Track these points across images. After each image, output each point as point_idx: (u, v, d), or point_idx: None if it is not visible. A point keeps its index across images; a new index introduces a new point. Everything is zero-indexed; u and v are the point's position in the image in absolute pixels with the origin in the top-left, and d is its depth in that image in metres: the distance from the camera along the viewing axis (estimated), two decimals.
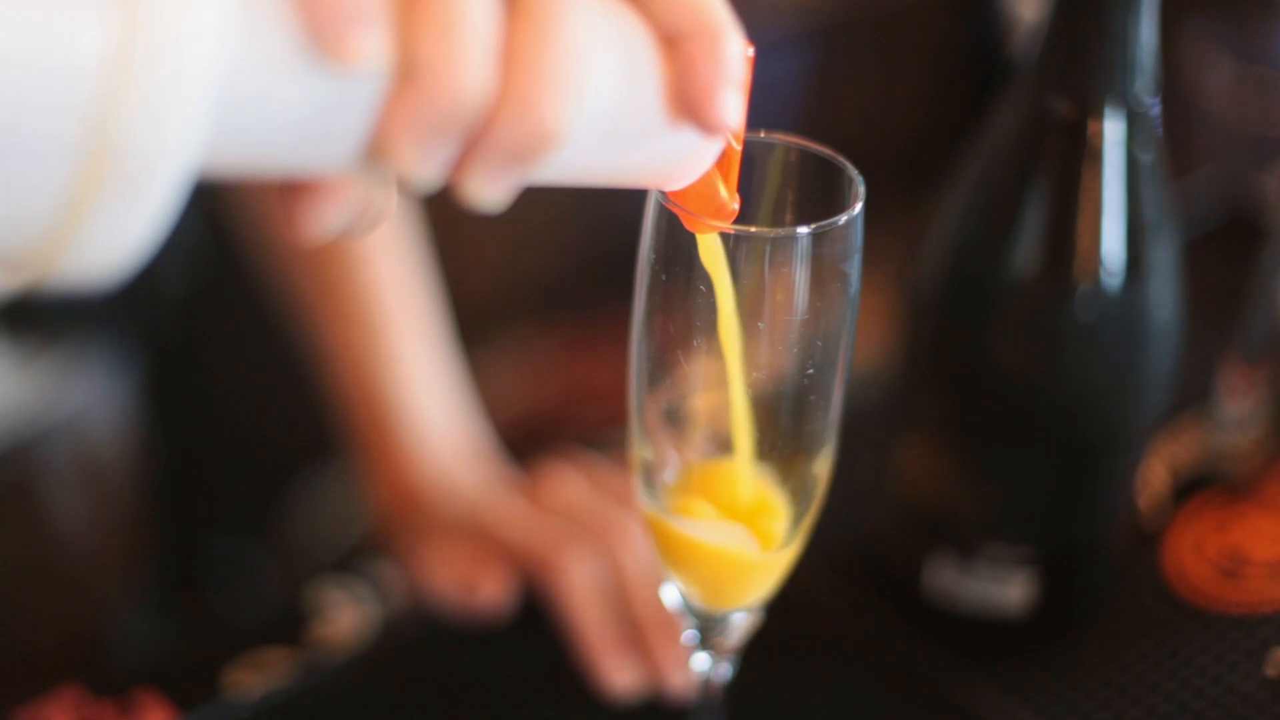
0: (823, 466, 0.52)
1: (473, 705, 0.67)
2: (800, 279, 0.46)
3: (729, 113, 0.39)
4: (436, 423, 0.80)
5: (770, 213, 0.50)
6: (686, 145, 0.42)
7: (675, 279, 0.47)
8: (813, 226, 0.45)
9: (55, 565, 0.92)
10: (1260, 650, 0.69)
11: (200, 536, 1.17)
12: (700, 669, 0.59)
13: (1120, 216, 0.60)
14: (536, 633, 0.70)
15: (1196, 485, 0.79)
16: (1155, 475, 0.80)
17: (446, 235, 0.98)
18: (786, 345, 0.48)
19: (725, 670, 0.59)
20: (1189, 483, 0.80)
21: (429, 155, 0.34)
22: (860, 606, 0.72)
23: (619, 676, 0.67)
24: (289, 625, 0.72)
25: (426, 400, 0.81)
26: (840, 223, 0.46)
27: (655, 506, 0.52)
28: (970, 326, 0.63)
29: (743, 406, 0.49)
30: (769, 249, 0.46)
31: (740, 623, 0.56)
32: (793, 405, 0.50)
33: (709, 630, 0.56)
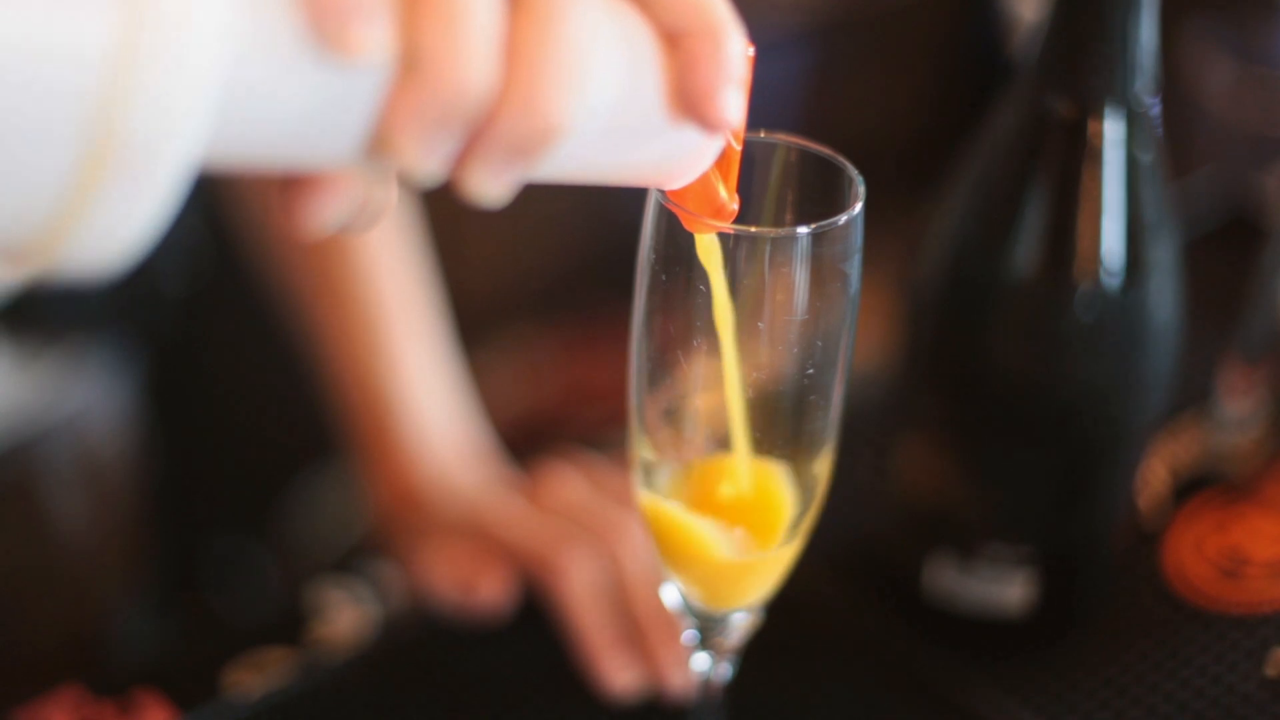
0: (823, 466, 0.52)
1: (473, 705, 0.67)
2: (800, 279, 0.46)
3: (730, 111, 0.39)
4: (436, 423, 0.80)
5: (770, 213, 0.50)
6: (687, 143, 0.42)
7: (675, 279, 0.47)
8: (813, 226, 0.45)
9: (55, 565, 0.92)
10: (1260, 650, 0.69)
11: (200, 536, 1.17)
12: (700, 669, 0.59)
13: (1120, 216, 0.60)
14: (536, 633, 0.70)
15: (1196, 485, 0.79)
16: (1155, 475, 0.80)
17: (447, 235, 0.98)
18: (786, 345, 0.48)
19: (725, 670, 0.59)
20: (1189, 483, 0.80)
21: (431, 149, 0.34)
22: (860, 606, 0.72)
23: (619, 676, 0.67)
24: (289, 625, 0.72)
25: (426, 400, 0.81)
26: (840, 223, 0.46)
27: (654, 501, 0.52)
28: (970, 327, 0.63)
29: (739, 405, 0.49)
30: (769, 249, 0.46)
31: (740, 623, 0.56)
32: (793, 405, 0.50)
33: (709, 630, 0.56)
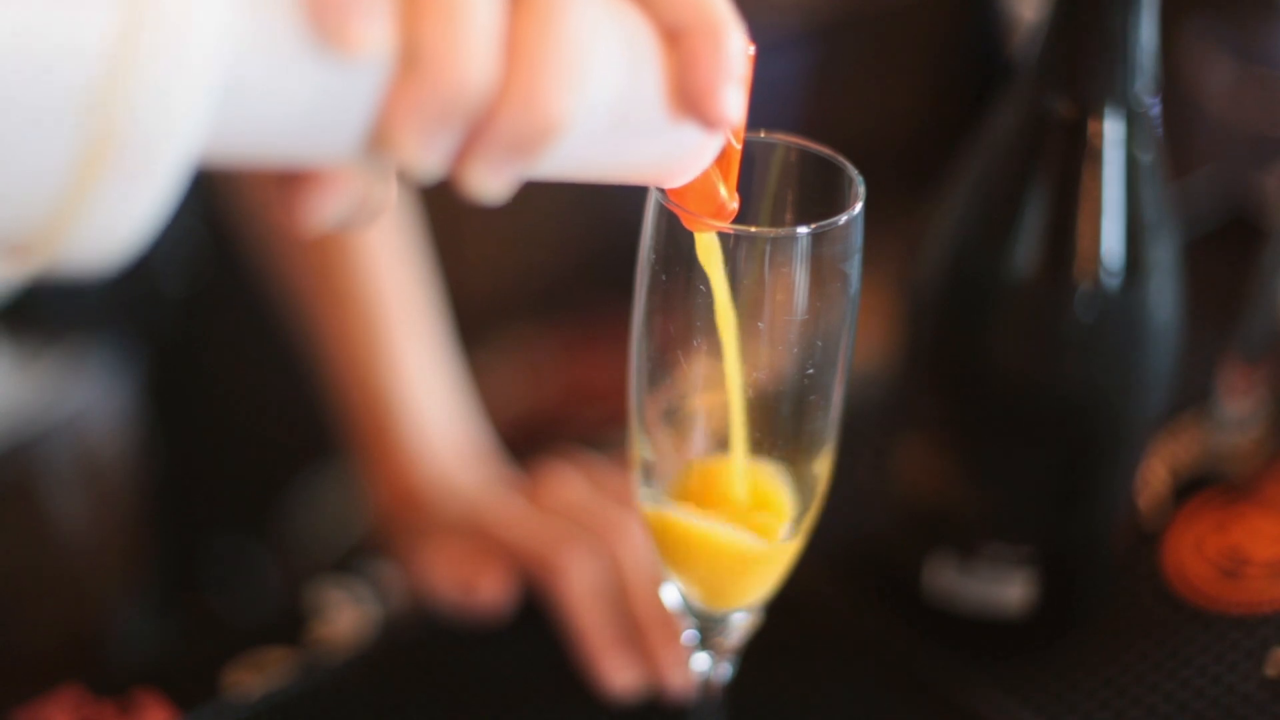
0: (823, 466, 0.52)
1: (473, 705, 0.67)
2: (800, 279, 0.46)
3: (730, 108, 0.39)
4: (436, 423, 0.80)
5: (770, 213, 0.50)
6: (687, 141, 0.42)
7: (675, 279, 0.47)
8: (813, 226, 0.45)
9: (55, 565, 0.92)
10: (1260, 650, 0.69)
11: (200, 536, 1.17)
12: (700, 669, 0.59)
13: (1120, 216, 0.60)
14: (536, 633, 0.70)
15: (1196, 485, 0.79)
16: (1155, 475, 0.80)
17: (447, 235, 0.98)
18: (786, 345, 0.48)
19: (725, 670, 0.59)
20: (1189, 483, 0.80)
21: (431, 145, 0.34)
22: (860, 606, 0.72)
23: (619, 676, 0.67)
24: (289, 625, 0.72)
25: (426, 400, 0.81)
26: (840, 223, 0.46)
27: (654, 501, 0.52)
28: (970, 326, 0.63)
29: (740, 404, 0.49)
30: (769, 249, 0.46)
31: (740, 623, 0.56)
32: (793, 405, 0.50)
33: (709, 630, 0.56)
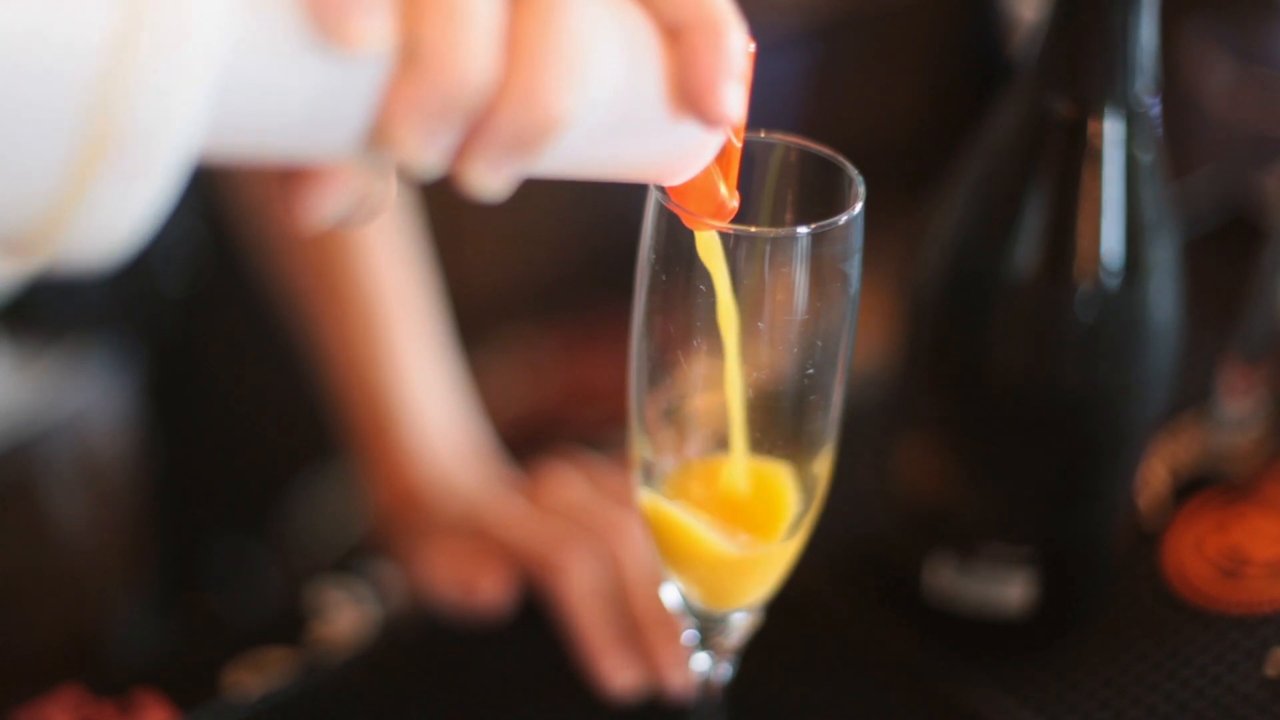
0: (823, 466, 0.52)
1: (473, 705, 0.67)
2: (800, 279, 0.46)
3: (730, 105, 0.39)
4: (436, 422, 0.80)
5: (770, 213, 0.50)
6: (687, 138, 0.42)
7: (675, 279, 0.47)
8: (813, 226, 0.45)
9: (55, 565, 0.92)
10: (1260, 650, 0.69)
11: (200, 536, 1.17)
12: (700, 669, 0.59)
13: (1120, 216, 0.60)
14: (536, 633, 0.70)
15: (1196, 485, 0.79)
16: (1155, 475, 0.80)
17: (447, 235, 0.98)
18: (786, 345, 0.48)
19: (725, 670, 0.59)
20: (1189, 483, 0.80)
21: (431, 142, 0.34)
22: (860, 606, 0.72)
23: (619, 676, 0.67)
24: (289, 625, 0.72)
25: (426, 400, 0.81)
26: (840, 223, 0.46)
27: (654, 501, 0.52)
28: (970, 326, 0.63)
29: (740, 403, 0.49)
30: (769, 249, 0.46)
31: (740, 623, 0.56)
32: (793, 405, 0.50)
33: (709, 630, 0.56)
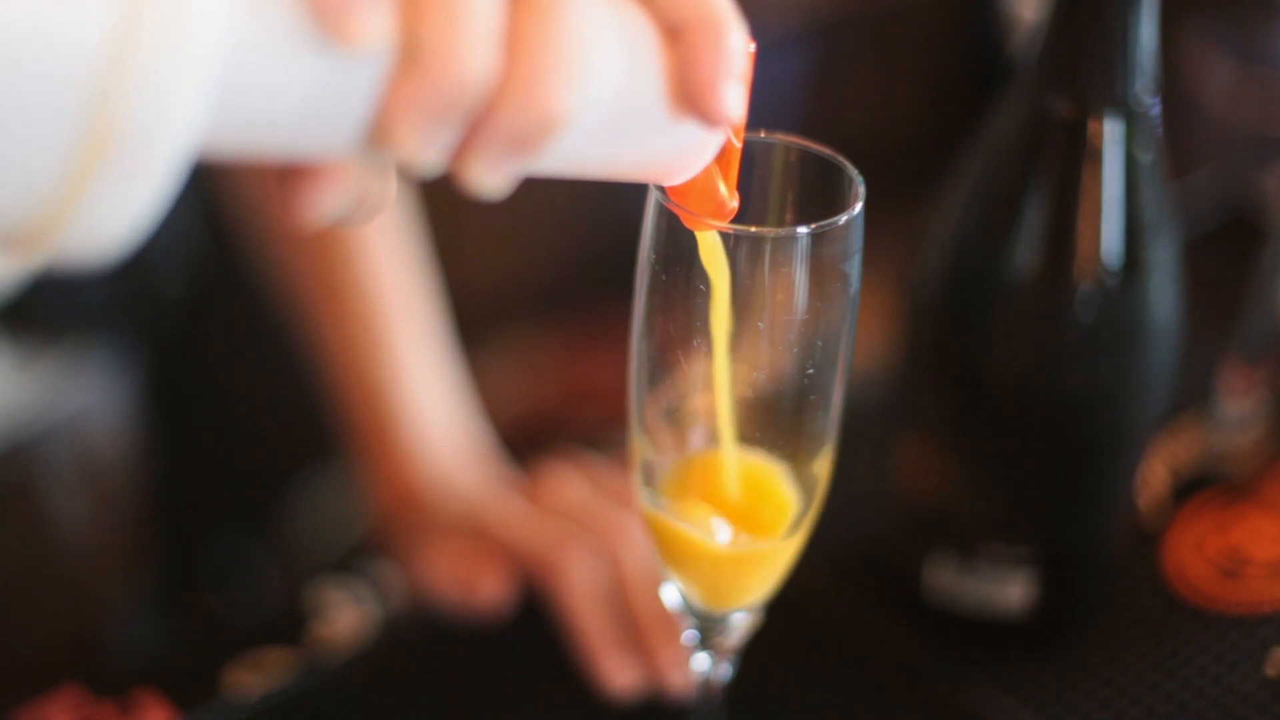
0: (823, 466, 0.52)
1: (473, 705, 0.67)
2: (800, 279, 0.46)
3: (730, 105, 0.39)
4: (436, 422, 0.80)
5: (770, 212, 0.50)
6: (687, 138, 0.42)
7: (675, 279, 0.47)
8: (813, 226, 0.45)
9: (55, 565, 0.92)
10: (1260, 650, 0.69)
11: (200, 536, 1.17)
12: (700, 669, 0.59)
13: (1120, 216, 0.60)
14: (536, 633, 0.70)
15: (1196, 485, 0.79)
16: (1155, 475, 0.80)
17: (447, 235, 0.98)
18: (786, 345, 0.48)
19: (725, 670, 0.59)
20: (1189, 483, 0.80)
21: (430, 140, 0.34)
22: (860, 606, 0.72)
23: (619, 676, 0.67)
24: (289, 625, 0.72)
25: (426, 400, 0.81)
26: (840, 223, 0.46)
27: (654, 501, 0.52)
28: (970, 326, 0.63)
29: (728, 402, 0.49)
30: (769, 249, 0.46)
31: (740, 623, 0.56)
32: (793, 405, 0.50)
33: (709, 630, 0.56)
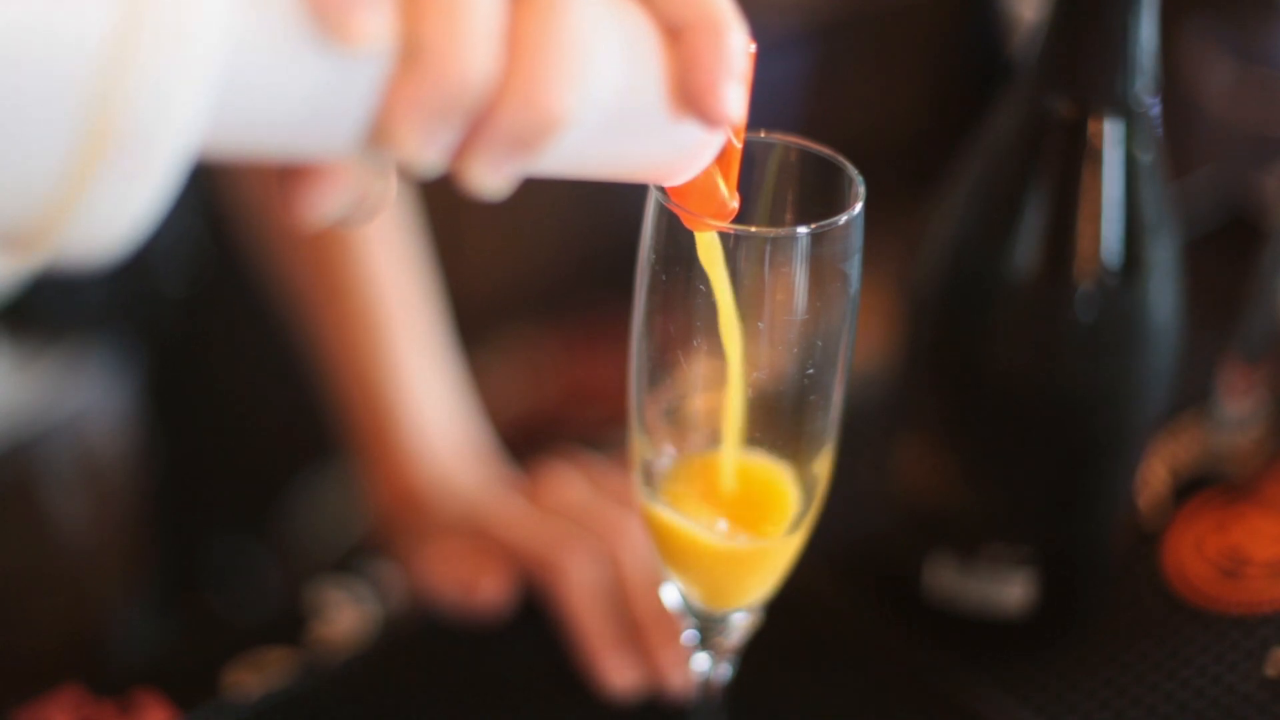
0: (823, 466, 0.52)
1: (473, 705, 0.67)
2: (800, 279, 0.46)
3: (730, 105, 0.39)
4: (436, 423, 0.80)
5: (770, 212, 0.50)
6: (687, 139, 0.42)
7: (675, 279, 0.47)
8: (813, 226, 0.45)
9: (55, 565, 0.92)
10: (1260, 650, 0.69)
11: (200, 536, 1.17)
12: (700, 669, 0.59)
13: (1120, 216, 0.60)
14: (536, 633, 0.70)
15: (1196, 485, 0.79)
16: (1155, 475, 0.80)
17: (447, 235, 0.98)
18: (786, 345, 0.48)
19: (725, 670, 0.59)
20: (1189, 483, 0.80)
21: (431, 140, 0.34)
22: (860, 606, 0.72)
23: (619, 676, 0.67)
24: (289, 625, 0.72)
25: (426, 400, 0.81)
26: (840, 223, 0.46)
27: (654, 501, 0.52)
28: (970, 326, 0.63)
29: (741, 403, 0.49)
30: (769, 249, 0.46)
31: (740, 623, 0.56)
32: (793, 405, 0.50)
33: (709, 630, 0.56)
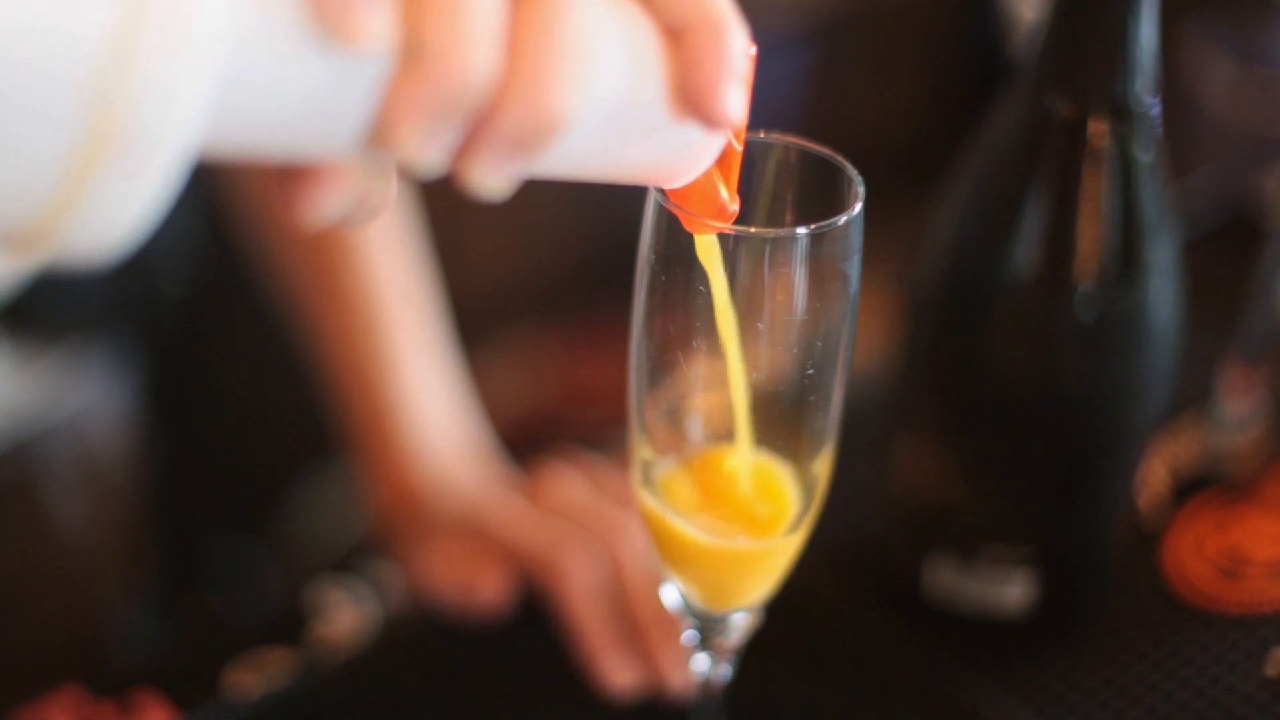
0: (823, 466, 0.52)
1: (473, 705, 0.67)
2: (800, 279, 0.46)
3: (731, 107, 0.39)
4: (436, 423, 0.80)
5: (770, 213, 0.50)
6: (688, 140, 0.42)
7: (675, 279, 0.47)
8: (812, 226, 0.45)
9: (55, 565, 0.92)
10: (1260, 650, 0.69)
11: (200, 536, 1.17)
12: (700, 669, 0.59)
13: (1120, 216, 0.60)
14: (536, 633, 0.70)
15: (1196, 485, 0.79)
16: (1155, 475, 0.80)
17: (447, 235, 0.98)
18: (786, 345, 0.48)
19: (725, 670, 0.59)
20: (1189, 483, 0.80)
21: (432, 140, 0.34)
22: (860, 606, 0.72)
23: (619, 676, 0.67)
24: (289, 625, 0.72)
25: (426, 400, 0.81)
26: (840, 223, 0.46)
27: (654, 504, 0.52)
28: (970, 326, 0.63)
29: (744, 404, 0.49)
30: (768, 249, 0.46)
31: (740, 623, 0.56)
32: (793, 405, 0.50)
33: (709, 630, 0.56)
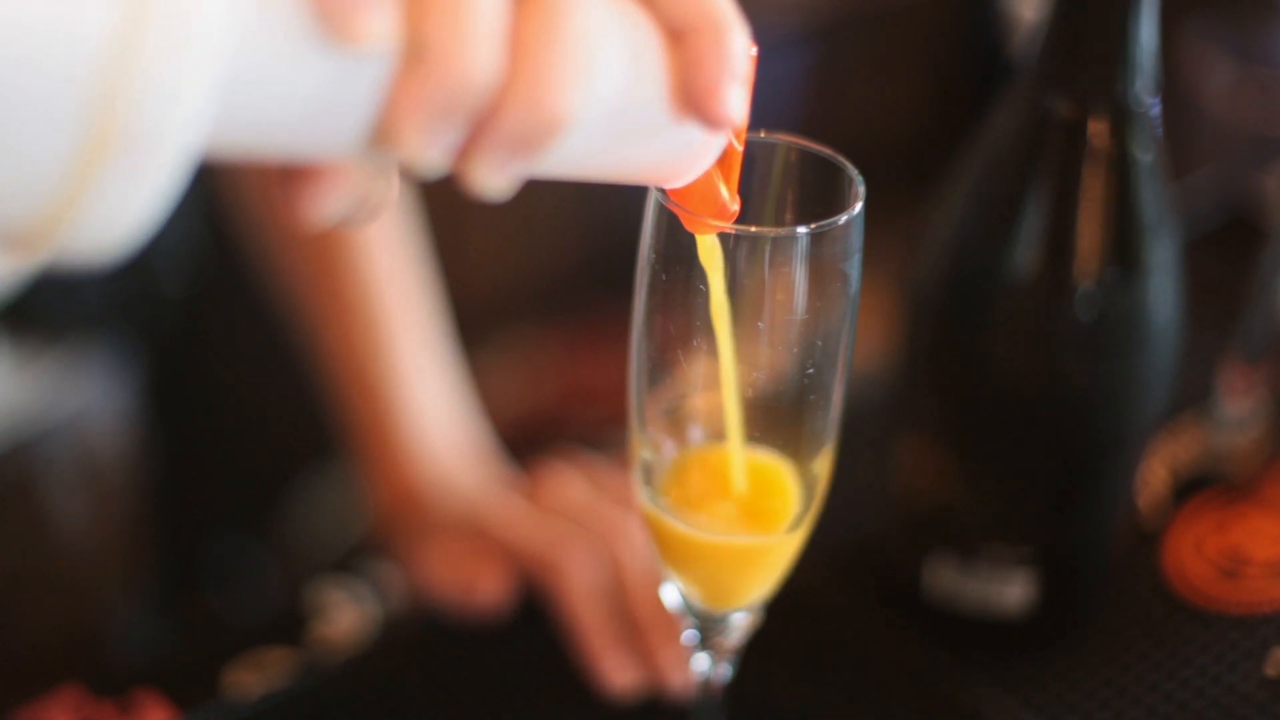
0: (823, 466, 0.52)
1: (473, 705, 0.67)
2: (800, 279, 0.46)
3: (732, 107, 0.39)
4: (436, 423, 0.80)
5: (770, 213, 0.50)
6: (689, 141, 0.42)
7: (675, 279, 0.47)
8: (813, 226, 0.45)
9: (55, 566, 0.92)
10: (1260, 650, 0.69)
11: (200, 536, 1.17)
12: (700, 669, 0.59)
13: (1120, 216, 0.60)
14: (536, 633, 0.70)
15: (1196, 485, 0.79)
16: (1155, 475, 0.80)
17: (448, 235, 0.98)
18: (786, 345, 0.48)
19: (725, 670, 0.59)
20: (1189, 483, 0.80)
21: (434, 139, 0.34)
22: (860, 606, 0.72)
23: (619, 676, 0.67)
24: (289, 625, 0.72)
25: (426, 400, 0.81)
26: (840, 223, 0.46)
27: (654, 501, 0.52)
28: (970, 326, 0.63)
29: (736, 404, 0.49)
30: (769, 249, 0.46)
31: (740, 623, 0.56)
32: (793, 405, 0.50)
33: (709, 630, 0.56)
